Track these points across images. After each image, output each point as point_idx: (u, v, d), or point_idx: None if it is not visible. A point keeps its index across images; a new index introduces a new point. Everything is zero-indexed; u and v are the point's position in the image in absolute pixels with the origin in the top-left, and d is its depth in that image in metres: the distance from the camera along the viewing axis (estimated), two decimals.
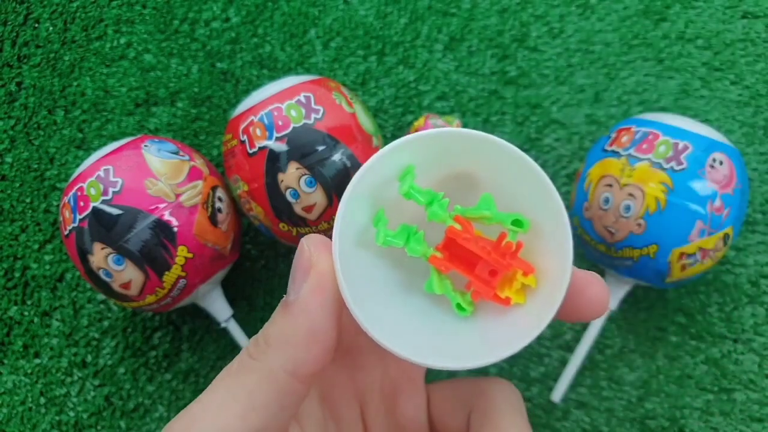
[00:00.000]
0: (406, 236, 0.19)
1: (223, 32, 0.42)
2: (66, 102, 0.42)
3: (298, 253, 0.19)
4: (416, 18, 0.42)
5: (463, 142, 0.19)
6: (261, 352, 0.18)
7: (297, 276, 0.18)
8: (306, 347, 0.18)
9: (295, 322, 0.18)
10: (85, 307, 0.39)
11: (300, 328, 0.18)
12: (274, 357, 0.18)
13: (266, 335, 0.19)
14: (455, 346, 0.19)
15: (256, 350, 0.19)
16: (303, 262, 0.18)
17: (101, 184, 0.31)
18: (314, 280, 0.18)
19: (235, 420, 0.17)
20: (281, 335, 0.18)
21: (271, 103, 0.32)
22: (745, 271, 0.37)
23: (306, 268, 0.18)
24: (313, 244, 0.19)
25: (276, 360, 0.18)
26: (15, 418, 0.38)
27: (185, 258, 0.31)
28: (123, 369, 0.38)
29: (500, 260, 0.19)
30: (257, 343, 0.19)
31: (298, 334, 0.18)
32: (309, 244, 0.19)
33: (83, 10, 0.43)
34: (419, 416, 0.23)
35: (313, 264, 0.18)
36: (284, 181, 0.31)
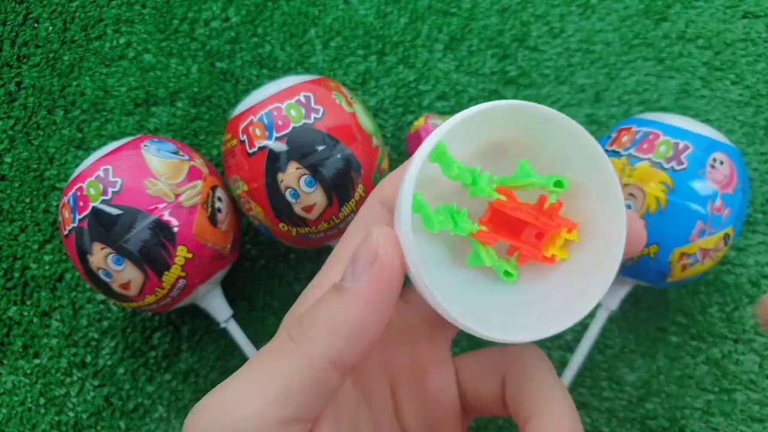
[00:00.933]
0: (451, 217, 0.19)
1: (223, 32, 0.42)
2: (65, 102, 0.42)
3: (365, 240, 0.18)
4: (416, 18, 0.42)
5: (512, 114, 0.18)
6: (303, 334, 0.17)
7: (359, 263, 0.18)
8: (353, 340, 0.17)
9: (347, 311, 0.17)
10: (84, 308, 0.39)
11: (352, 317, 0.17)
12: (317, 343, 0.17)
13: (312, 317, 0.18)
14: (520, 317, 0.19)
15: (298, 332, 0.18)
16: (369, 251, 0.18)
17: (101, 184, 0.31)
18: (378, 272, 0.17)
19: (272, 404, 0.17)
20: (329, 322, 0.17)
21: (271, 103, 0.32)
22: (746, 272, 0.37)
23: (371, 257, 0.17)
24: (383, 236, 0.18)
25: (318, 346, 0.17)
26: (14, 418, 0.38)
27: (185, 258, 0.31)
28: (122, 369, 0.38)
29: (548, 222, 0.19)
30: (301, 324, 0.18)
31: (348, 324, 0.17)
32: (378, 234, 0.18)
33: (83, 10, 0.43)
34: (449, 388, 0.23)
35: (380, 255, 0.17)
36: (284, 181, 0.31)
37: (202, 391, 0.37)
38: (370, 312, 0.17)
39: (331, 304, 0.18)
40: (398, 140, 0.40)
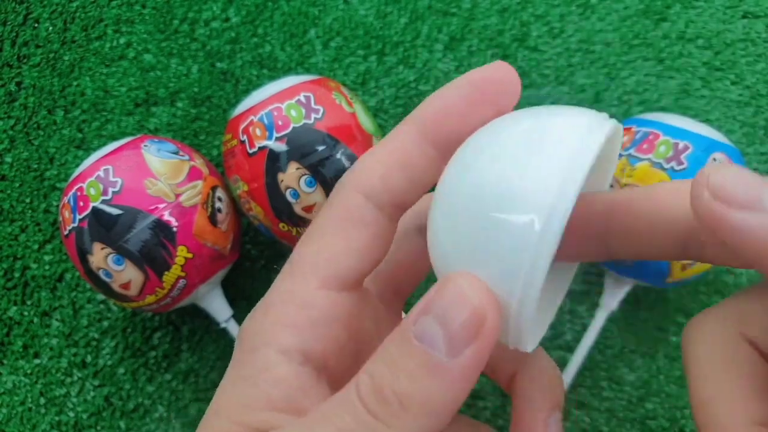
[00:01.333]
0: None
1: (223, 32, 0.42)
2: (66, 102, 0.42)
3: (457, 298, 0.14)
4: (416, 18, 0.42)
5: None
6: (396, 417, 0.14)
7: (458, 333, 0.14)
8: (447, 419, 0.15)
9: (447, 391, 0.14)
10: (84, 308, 0.39)
11: (450, 398, 0.14)
12: (418, 428, 0.14)
13: (402, 396, 0.14)
14: None
15: (385, 413, 0.14)
16: (471, 317, 0.14)
17: (101, 184, 0.31)
18: (484, 345, 0.14)
19: None
20: (425, 403, 0.14)
21: (271, 103, 0.32)
22: (746, 272, 0.37)
23: (476, 326, 0.14)
24: (481, 293, 0.14)
25: (410, 429, 0.14)
26: (15, 418, 0.38)
27: (185, 258, 0.31)
28: (123, 369, 0.38)
29: None
30: (387, 404, 0.15)
31: (447, 406, 0.14)
32: (474, 290, 0.14)
33: (83, 10, 0.43)
34: None
35: (487, 323, 0.14)
36: (284, 181, 0.31)
37: (203, 391, 0.37)
38: (469, 387, 0.15)
39: (428, 383, 0.14)
40: None
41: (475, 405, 0.37)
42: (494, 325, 0.14)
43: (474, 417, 0.36)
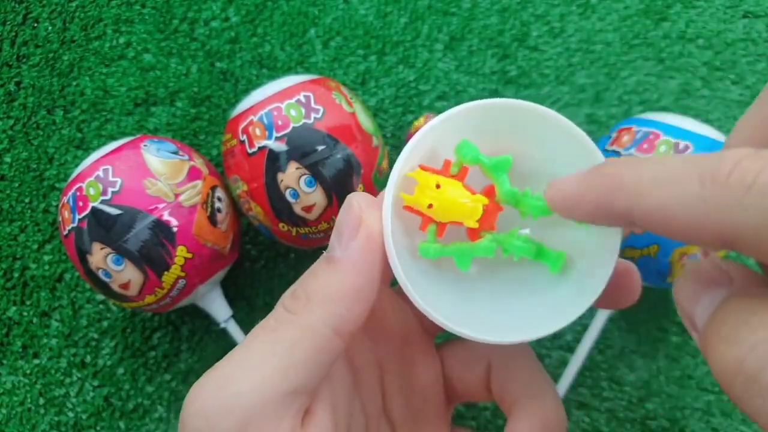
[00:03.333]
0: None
1: (223, 32, 0.42)
2: (65, 102, 0.42)
3: (346, 209, 0.18)
4: (416, 17, 0.42)
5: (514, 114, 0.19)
6: (302, 306, 0.18)
7: (345, 232, 0.18)
8: (351, 305, 0.18)
9: (342, 279, 0.18)
10: (84, 308, 0.39)
11: (347, 285, 0.18)
12: (318, 313, 0.18)
13: (307, 290, 0.18)
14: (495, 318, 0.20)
15: (296, 305, 0.18)
16: (352, 219, 0.18)
17: (100, 184, 0.31)
18: (364, 238, 0.18)
19: (275, 375, 0.17)
20: (326, 291, 0.18)
21: (271, 103, 0.32)
22: None
23: (355, 225, 0.18)
24: (363, 202, 0.18)
25: (319, 316, 0.18)
26: (14, 418, 0.38)
27: (184, 258, 0.31)
28: (122, 369, 0.38)
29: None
30: (296, 297, 0.18)
31: (345, 292, 0.18)
32: (359, 201, 0.18)
33: (82, 10, 0.43)
34: (435, 379, 0.23)
35: (363, 221, 0.18)
36: (284, 181, 0.31)
37: None
38: (363, 277, 0.18)
39: (326, 274, 0.18)
40: (398, 140, 0.40)
41: (475, 405, 0.37)
42: (371, 223, 0.18)
43: (474, 418, 0.36)
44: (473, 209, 0.19)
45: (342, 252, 0.18)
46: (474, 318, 0.19)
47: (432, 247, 0.19)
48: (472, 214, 0.19)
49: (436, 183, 0.19)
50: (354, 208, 0.18)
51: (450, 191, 0.19)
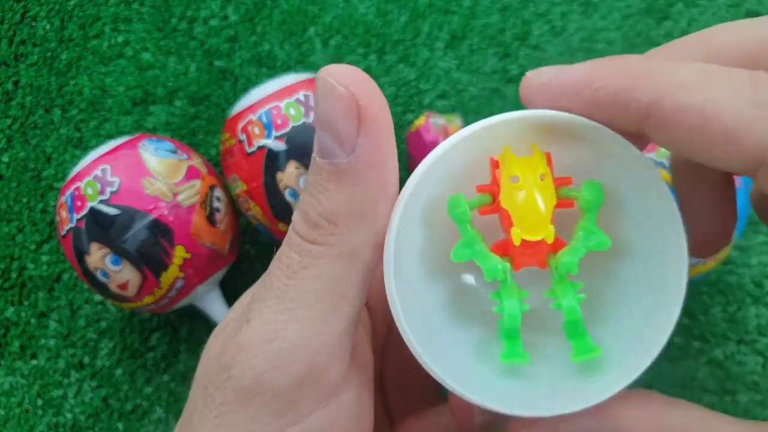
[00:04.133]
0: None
1: (222, 30, 0.42)
2: (63, 101, 0.41)
3: (329, 95, 0.14)
4: (417, 16, 0.42)
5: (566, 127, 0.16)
6: (329, 234, 0.15)
7: (342, 128, 0.14)
8: (385, 210, 0.15)
9: (364, 188, 0.15)
10: (82, 308, 0.39)
11: (371, 192, 0.15)
12: (356, 234, 0.15)
13: (327, 213, 0.15)
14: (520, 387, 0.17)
15: (321, 233, 0.15)
16: (345, 107, 0.14)
17: (98, 184, 0.31)
18: (372, 128, 0.14)
19: (330, 318, 0.15)
20: (351, 208, 0.15)
21: (270, 102, 0.32)
22: (749, 272, 0.37)
23: (353, 113, 0.14)
24: (348, 78, 0.14)
25: (358, 237, 0.15)
26: (12, 420, 0.37)
27: (183, 258, 0.31)
28: (121, 370, 0.38)
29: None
30: (317, 225, 0.15)
31: (373, 200, 0.15)
32: (342, 79, 0.14)
33: (80, 9, 0.43)
34: None
35: (362, 107, 0.14)
36: (283, 181, 0.31)
37: None
38: (386, 176, 0.15)
39: (341, 189, 0.15)
40: (398, 139, 0.40)
41: None
42: (371, 103, 0.14)
43: None
44: (539, 225, 0.16)
45: (347, 155, 0.14)
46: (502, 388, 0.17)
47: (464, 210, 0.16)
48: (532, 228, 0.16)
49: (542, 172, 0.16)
50: (341, 91, 0.14)
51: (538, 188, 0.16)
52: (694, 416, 0.15)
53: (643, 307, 0.17)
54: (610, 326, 0.17)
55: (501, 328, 0.16)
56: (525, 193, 0.16)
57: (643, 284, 0.17)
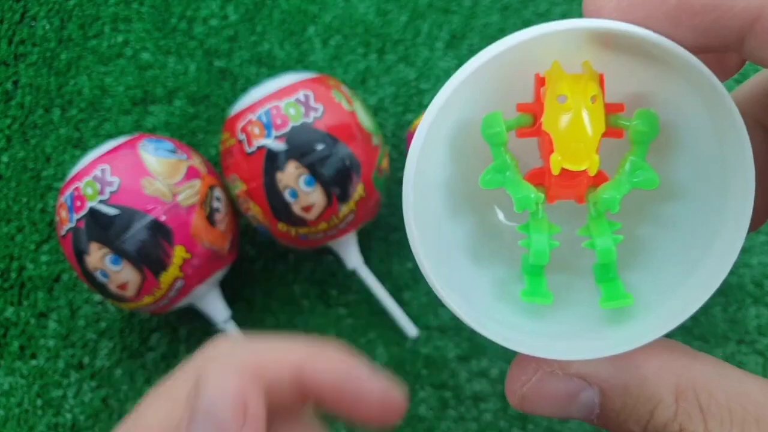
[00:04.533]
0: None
1: (221, 30, 0.42)
2: (63, 101, 0.41)
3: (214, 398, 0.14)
4: (417, 16, 0.41)
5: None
6: None
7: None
8: None
9: None
10: (82, 308, 0.39)
11: None
12: None
13: None
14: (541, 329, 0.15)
15: None
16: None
17: (98, 184, 0.31)
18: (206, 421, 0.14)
19: None
20: None
21: (270, 102, 0.31)
22: (749, 272, 0.37)
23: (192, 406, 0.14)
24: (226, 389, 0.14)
25: None
26: (11, 420, 0.37)
27: (182, 258, 0.31)
28: (120, 371, 0.38)
29: None
30: None
31: None
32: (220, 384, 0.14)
33: (80, 8, 0.43)
34: None
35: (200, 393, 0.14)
36: (283, 181, 0.31)
37: None
38: None
39: None
40: (398, 139, 0.40)
41: (476, 407, 0.36)
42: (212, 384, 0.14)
43: (475, 419, 0.36)
44: (582, 152, 0.14)
45: None
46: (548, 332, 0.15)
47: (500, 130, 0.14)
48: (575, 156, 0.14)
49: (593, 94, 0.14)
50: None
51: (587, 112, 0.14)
52: (717, 369, 0.14)
53: (688, 258, 0.15)
54: (647, 274, 0.16)
55: (524, 263, 0.15)
56: (571, 115, 0.14)
57: (691, 232, 0.15)
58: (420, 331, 0.37)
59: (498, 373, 0.36)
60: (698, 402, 0.14)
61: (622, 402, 0.14)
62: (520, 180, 0.15)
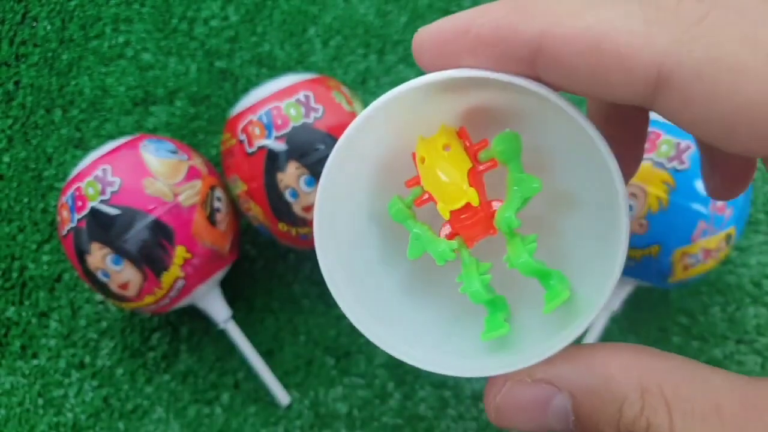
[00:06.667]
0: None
1: (222, 31, 0.42)
2: (64, 101, 0.41)
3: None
4: (417, 16, 0.42)
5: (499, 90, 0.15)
6: None
7: None
8: None
9: None
10: (83, 308, 0.39)
11: None
12: None
13: None
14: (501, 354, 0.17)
15: None
16: None
17: (99, 184, 0.31)
18: None
19: None
20: None
21: (270, 102, 0.32)
22: (748, 272, 0.37)
23: None
24: None
25: None
26: (12, 419, 0.37)
27: (183, 258, 0.31)
28: (121, 370, 0.38)
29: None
30: None
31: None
32: None
33: (81, 9, 0.43)
34: None
35: None
36: (283, 181, 0.31)
37: (201, 392, 0.37)
38: None
39: None
40: None
41: (476, 406, 0.36)
42: None
43: (474, 419, 0.36)
44: (454, 193, 0.16)
45: None
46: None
47: (400, 208, 0.17)
48: (450, 198, 0.16)
49: (444, 145, 0.16)
50: None
51: (442, 160, 0.16)
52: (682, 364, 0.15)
53: (591, 254, 0.17)
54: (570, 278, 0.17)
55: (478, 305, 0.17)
56: (433, 167, 0.16)
57: (588, 234, 0.17)
58: None
59: None
60: (663, 395, 0.14)
61: (591, 404, 0.14)
62: (434, 239, 0.17)
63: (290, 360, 0.37)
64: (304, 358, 0.37)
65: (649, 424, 0.14)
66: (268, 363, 0.36)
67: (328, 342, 0.38)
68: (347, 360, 0.37)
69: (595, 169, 0.15)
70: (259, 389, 0.37)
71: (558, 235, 0.18)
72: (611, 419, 0.14)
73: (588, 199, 0.17)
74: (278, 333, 0.38)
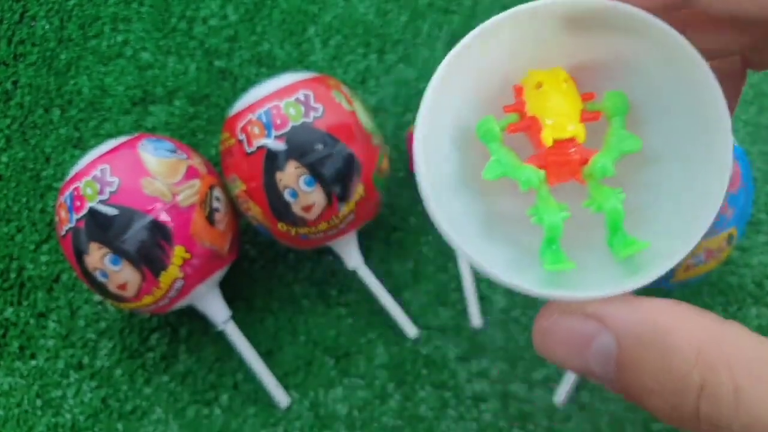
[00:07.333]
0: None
1: (221, 30, 0.42)
2: (62, 101, 0.41)
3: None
4: (417, 16, 0.41)
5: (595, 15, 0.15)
6: None
7: None
8: None
9: None
10: (81, 308, 0.38)
11: None
12: None
13: None
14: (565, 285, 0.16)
15: None
16: None
17: (97, 184, 0.31)
18: None
19: None
20: None
21: (270, 101, 0.31)
22: (750, 272, 0.37)
23: None
24: None
25: None
26: (11, 420, 0.37)
27: (182, 258, 0.31)
28: (120, 371, 0.38)
29: None
30: None
31: None
32: None
33: (80, 8, 0.43)
34: None
35: None
36: (283, 181, 0.31)
37: (200, 392, 0.37)
38: None
39: None
40: (398, 139, 0.40)
41: (476, 407, 0.36)
42: None
43: (475, 419, 0.36)
44: (567, 122, 0.16)
45: None
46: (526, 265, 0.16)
47: (491, 128, 0.16)
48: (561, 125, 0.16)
49: (564, 78, 0.16)
50: None
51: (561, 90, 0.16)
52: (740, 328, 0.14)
53: (671, 210, 0.16)
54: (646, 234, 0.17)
55: (543, 242, 0.16)
56: (550, 94, 0.16)
57: (678, 192, 0.16)
58: (420, 331, 0.37)
59: (498, 374, 0.36)
60: (723, 354, 0.13)
61: (637, 352, 0.14)
62: (520, 164, 0.16)
63: (290, 360, 0.37)
64: (303, 358, 0.37)
65: (704, 381, 0.13)
66: (267, 363, 0.36)
67: (327, 342, 0.37)
68: (347, 360, 0.37)
69: (691, 122, 0.15)
70: (259, 390, 0.37)
71: (636, 190, 0.17)
72: (658, 371, 0.13)
73: (672, 156, 0.17)
74: (278, 333, 0.38)
